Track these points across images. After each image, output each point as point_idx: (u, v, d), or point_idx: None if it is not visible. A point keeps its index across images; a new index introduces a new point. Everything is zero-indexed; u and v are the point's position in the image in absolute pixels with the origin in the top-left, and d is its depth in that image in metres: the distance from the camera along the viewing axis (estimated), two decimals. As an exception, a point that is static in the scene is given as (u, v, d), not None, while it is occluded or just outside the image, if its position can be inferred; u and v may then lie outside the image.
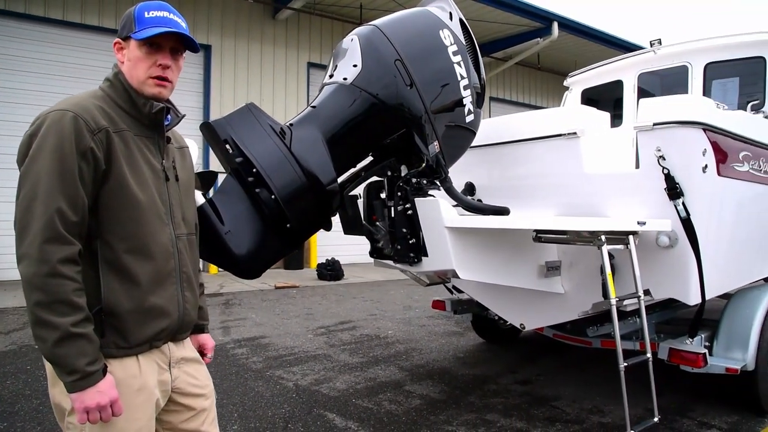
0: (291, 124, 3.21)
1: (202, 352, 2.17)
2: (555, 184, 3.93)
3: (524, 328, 4.48)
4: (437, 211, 3.31)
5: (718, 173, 3.42)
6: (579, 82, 6.61)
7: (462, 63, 3.48)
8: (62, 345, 1.56)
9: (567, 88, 6.90)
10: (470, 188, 4.53)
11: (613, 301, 3.05)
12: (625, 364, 3.05)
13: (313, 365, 5.49)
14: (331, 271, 11.98)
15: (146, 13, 1.79)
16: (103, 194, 1.69)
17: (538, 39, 14.99)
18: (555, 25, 14.57)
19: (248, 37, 13.39)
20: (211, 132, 2.92)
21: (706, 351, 3.81)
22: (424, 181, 3.54)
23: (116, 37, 1.85)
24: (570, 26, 15.12)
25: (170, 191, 1.86)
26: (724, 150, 3.46)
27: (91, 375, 1.59)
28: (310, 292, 10.28)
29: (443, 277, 4.88)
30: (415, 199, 3.42)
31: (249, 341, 6.46)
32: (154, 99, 1.82)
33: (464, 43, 3.61)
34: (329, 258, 12.17)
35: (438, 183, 3.62)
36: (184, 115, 2.00)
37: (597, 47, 16.33)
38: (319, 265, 12.24)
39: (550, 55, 16.98)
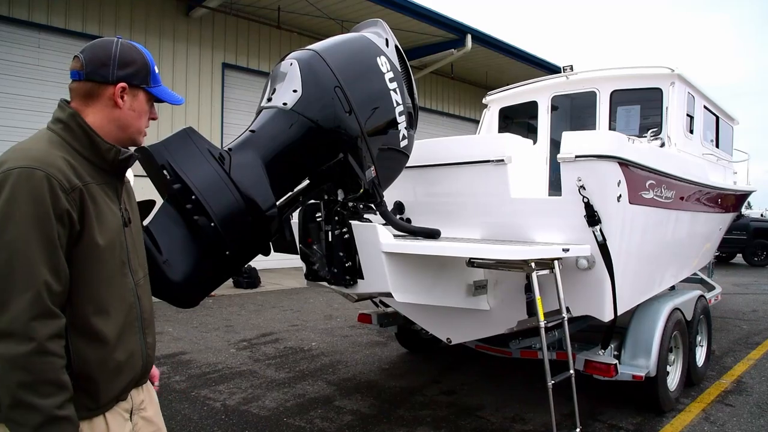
0: (230, 149, 3.17)
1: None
2: (482, 207, 4.13)
3: (451, 342, 4.67)
4: (375, 236, 3.39)
5: (630, 201, 3.75)
6: (497, 100, 6.94)
7: (398, 89, 3.58)
8: (43, 430, 1.43)
9: (484, 105, 7.23)
10: (399, 207, 4.65)
11: (542, 323, 3.26)
12: (553, 381, 3.27)
13: (240, 382, 5.39)
14: (247, 278, 11.68)
15: (155, 69, 1.79)
16: (73, 257, 1.56)
17: (453, 50, 15.49)
18: (468, 37, 15.12)
19: (159, 35, 12.81)
20: (147, 157, 2.83)
21: (617, 361, 4.15)
22: (360, 205, 3.62)
23: (121, 81, 1.68)
24: (483, 39, 15.73)
25: (127, 237, 1.77)
26: (635, 180, 3.80)
27: None
28: (227, 301, 10.02)
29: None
30: (352, 223, 3.48)
31: (169, 358, 6.22)
32: (128, 146, 1.78)
33: (399, 69, 3.72)
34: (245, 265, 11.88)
35: (373, 206, 3.70)
36: (135, 153, 1.93)
37: (507, 60, 17.13)
38: (235, 273, 11.92)
39: (463, 65, 17.57)
